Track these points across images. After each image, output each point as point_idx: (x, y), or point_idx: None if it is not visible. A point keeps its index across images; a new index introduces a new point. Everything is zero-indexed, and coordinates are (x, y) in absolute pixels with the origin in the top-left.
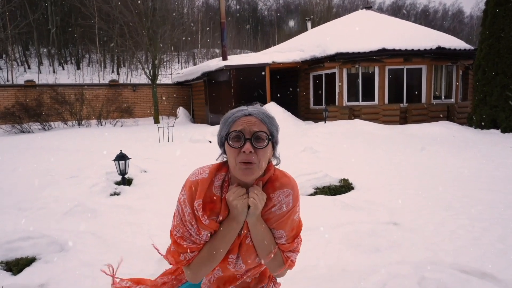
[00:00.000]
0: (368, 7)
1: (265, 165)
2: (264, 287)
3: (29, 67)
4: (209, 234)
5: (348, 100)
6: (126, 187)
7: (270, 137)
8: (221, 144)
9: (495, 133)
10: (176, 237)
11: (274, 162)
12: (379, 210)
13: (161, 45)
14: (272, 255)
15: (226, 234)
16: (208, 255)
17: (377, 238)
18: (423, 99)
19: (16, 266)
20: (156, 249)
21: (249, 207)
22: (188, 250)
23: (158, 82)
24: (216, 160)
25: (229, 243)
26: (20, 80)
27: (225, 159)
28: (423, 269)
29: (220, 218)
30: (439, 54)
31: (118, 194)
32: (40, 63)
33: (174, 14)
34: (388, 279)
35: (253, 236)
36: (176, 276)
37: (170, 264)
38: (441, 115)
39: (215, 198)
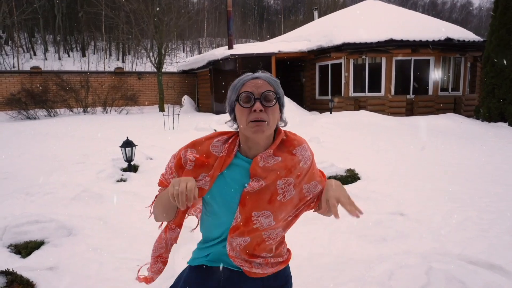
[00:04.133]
0: None
1: (274, 124)
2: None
3: (35, 54)
4: None
5: (354, 91)
6: (132, 173)
7: (277, 96)
8: (232, 110)
9: (502, 126)
10: (159, 180)
11: (281, 124)
12: (386, 201)
13: (174, 31)
14: None
15: (164, 194)
16: (156, 203)
17: (384, 228)
18: (430, 91)
19: (25, 249)
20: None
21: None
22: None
23: (163, 70)
24: (226, 123)
25: (165, 204)
26: (26, 67)
27: (235, 126)
28: (430, 260)
29: (208, 179)
30: (447, 46)
31: (124, 181)
32: (46, 50)
33: (180, 1)
34: (395, 268)
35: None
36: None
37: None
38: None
39: (210, 154)
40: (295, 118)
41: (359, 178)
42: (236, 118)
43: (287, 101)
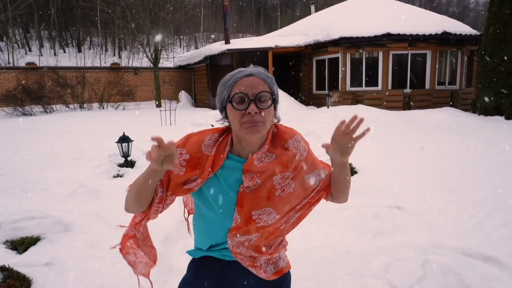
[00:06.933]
0: None
1: (269, 124)
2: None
3: (30, 50)
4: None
5: (351, 85)
6: (129, 169)
7: (273, 96)
8: (222, 108)
9: (499, 120)
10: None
11: (274, 121)
12: (383, 194)
13: (171, 26)
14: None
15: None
16: (130, 189)
17: (381, 221)
18: (427, 85)
19: (21, 245)
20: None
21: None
22: None
23: (160, 65)
24: (218, 122)
25: (143, 187)
26: (21, 63)
27: (226, 124)
28: (427, 252)
29: (200, 180)
30: (444, 40)
31: (121, 176)
32: (41, 46)
33: None
34: (392, 261)
35: (343, 176)
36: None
37: None
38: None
39: (202, 155)
40: (292, 113)
41: (356, 172)
42: (227, 116)
43: (284, 96)
